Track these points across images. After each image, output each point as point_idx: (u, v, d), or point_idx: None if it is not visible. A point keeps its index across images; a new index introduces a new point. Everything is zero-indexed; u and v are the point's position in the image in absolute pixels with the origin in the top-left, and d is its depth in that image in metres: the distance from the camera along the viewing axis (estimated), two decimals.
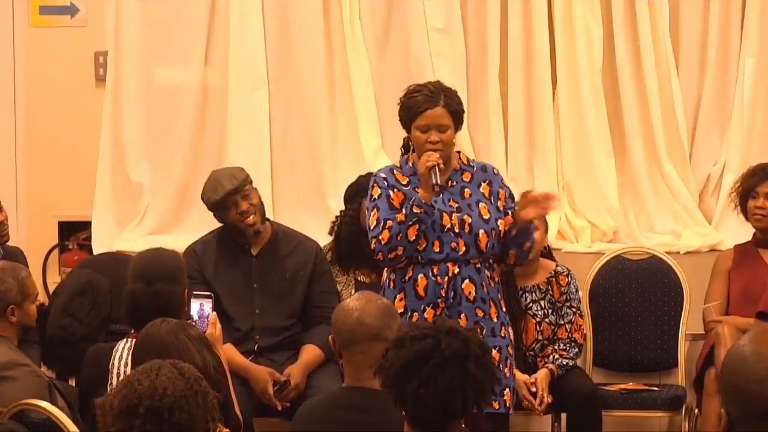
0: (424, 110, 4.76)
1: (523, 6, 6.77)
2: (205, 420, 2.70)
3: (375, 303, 3.69)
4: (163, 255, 4.48)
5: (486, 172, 4.88)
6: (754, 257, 5.72)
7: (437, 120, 4.75)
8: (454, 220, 4.74)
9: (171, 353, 3.58)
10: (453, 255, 4.74)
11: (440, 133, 4.75)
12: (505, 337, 4.81)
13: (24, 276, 4.83)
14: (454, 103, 4.81)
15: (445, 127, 4.76)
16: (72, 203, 7.02)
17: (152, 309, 4.25)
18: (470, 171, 4.86)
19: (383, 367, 3.01)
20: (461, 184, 4.83)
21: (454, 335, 2.99)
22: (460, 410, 2.97)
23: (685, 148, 6.77)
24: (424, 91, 4.81)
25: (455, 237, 4.74)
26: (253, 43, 6.84)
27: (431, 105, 4.76)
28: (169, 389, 2.65)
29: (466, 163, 4.89)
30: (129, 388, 2.66)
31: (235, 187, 5.36)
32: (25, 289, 4.79)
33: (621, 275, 5.98)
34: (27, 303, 4.79)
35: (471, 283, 4.74)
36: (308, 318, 5.48)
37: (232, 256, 5.48)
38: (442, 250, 4.73)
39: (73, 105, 7.03)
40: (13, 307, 4.74)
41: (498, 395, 4.75)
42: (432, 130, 4.75)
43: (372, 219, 4.77)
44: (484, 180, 4.85)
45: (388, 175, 4.83)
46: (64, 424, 4.03)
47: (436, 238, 4.74)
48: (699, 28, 6.84)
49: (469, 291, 4.75)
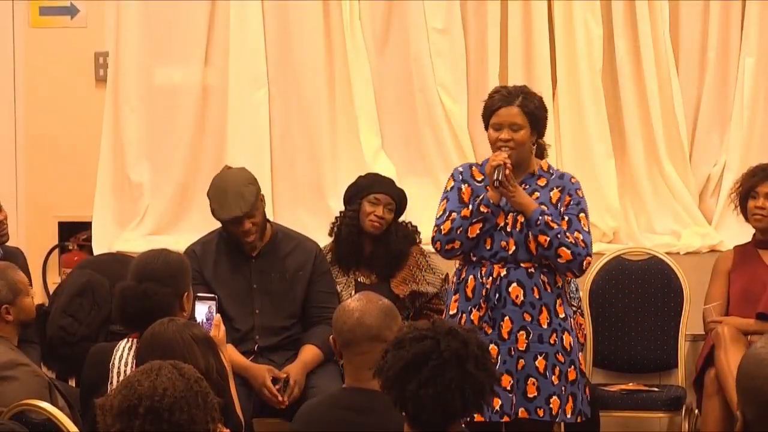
0: (498, 108, 4.81)
1: (523, 6, 6.77)
2: (205, 421, 2.70)
3: (376, 303, 3.69)
4: (162, 256, 4.46)
5: (562, 179, 4.92)
6: (754, 258, 5.72)
7: (510, 118, 4.81)
8: (509, 219, 4.78)
9: (175, 353, 3.58)
10: (502, 254, 4.77)
11: (513, 132, 4.79)
12: (555, 344, 4.80)
13: (11, 273, 4.81)
14: (532, 105, 4.84)
15: (518, 126, 4.80)
16: (72, 203, 7.02)
17: (137, 307, 4.25)
18: (546, 177, 4.90)
19: (382, 369, 3.01)
20: (533, 187, 4.87)
21: (453, 336, 2.99)
22: (460, 411, 2.97)
23: (685, 148, 6.77)
24: (503, 91, 4.90)
25: (506, 236, 4.77)
26: (253, 43, 6.83)
27: (506, 104, 4.83)
28: (169, 390, 2.65)
29: (546, 170, 4.93)
30: (129, 389, 2.66)
31: (244, 213, 5.34)
32: (15, 286, 4.77)
33: (621, 275, 5.98)
34: (20, 299, 4.77)
35: (519, 287, 4.77)
36: (308, 318, 5.48)
37: (232, 256, 5.48)
38: (492, 247, 4.76)
39: (73, 105, 7.03)
40: (6, 306, 4.73)
41: (544, 402, 4.77)
42: (505, 128, 4.79)
43: (440, 209, 4.88)
44: (558, 186, 4.89)
45: (465, 169, 4.94)
46: (64, 424, 4.03)
47: (488, 236, 4.77)
48: (699, 28, 6.83)
49: (516, 294, 4.78)
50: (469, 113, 6.80)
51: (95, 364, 4.45)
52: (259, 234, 5.43)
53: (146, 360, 2.83)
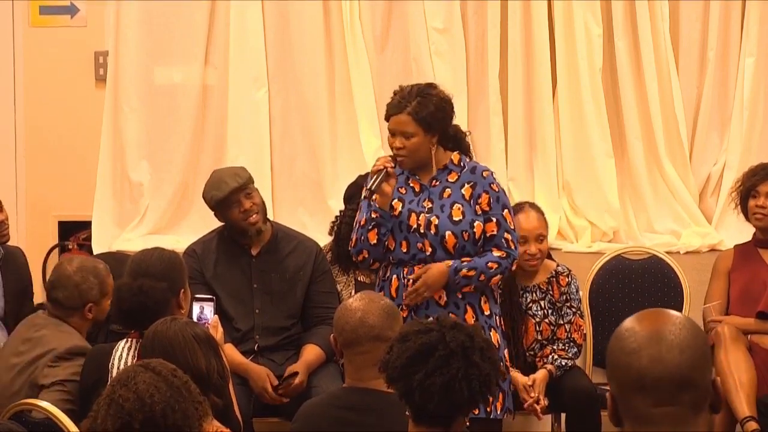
0: (390, 115, 4.76)
1: (523, 6, 6.77)
2: (195, 408, 2.69)
3: (378, 303, 3.69)
4: (157, 253, 4.48)
5: (474, 173, 4.81)
6: (754, 257, 5.72)
7: (401, 126, 4.73)
8: (421, 221, 4.72)
9: (176, 352, 3.58)
10: (420, 256, 4.72)
11: (405, 140, 4.72)
12: None
13: (104, 274, 4.92)
14: (426, 110, 4.71)
15: (409, 133, 4.72)
16: (72, 203, 7.01)
17: (132, 304, 4.26)
18: (457, 171, 4.80)
19: (388, 362, 3.02)
20: (444, 184, 4.80)
21: (459, 329, 3.03)
22: (467, 402, 2.97)
23: (685, 148, 6.77)
24: (398, 96, 4.77)
25: (420, 237, 4.72)
26: (253, 43, 6.83)
27: (396, 111, 4.74)
28: (155, 395, 2.64)
29: (457, 163, 4.84)
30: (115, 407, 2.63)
31: (239, 185, 5.37)
32: (105, 288, 4.87)
33: (621, 275, 5.99)
34: (104, 300, 4.86)
35: (441, 288, 4.72)
36: (308, 318, 5.48)
37: (232, 256, 5.48)
38: (408, 250, 4.72)
39: (73, 105, 7.03)
40: (92, 305, 4.83)
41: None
42: (398, 135, 4.75)
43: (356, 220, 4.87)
44: (469, 181, 4.79)
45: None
46: (64, 424, 4.03)
47: (403, 239, 4.73)
48: (699, 28, 6.84)
49: (440, 296, 4.73)
50: (468, 113, 6.80)
51: (95, 364, 4.45)
52: (262, 217, 5.42)
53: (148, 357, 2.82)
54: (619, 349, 2.33)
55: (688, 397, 2.29)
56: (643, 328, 2.33)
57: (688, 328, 2.33)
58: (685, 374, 2.29)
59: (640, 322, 2.36)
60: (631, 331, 2.34)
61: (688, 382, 2.29)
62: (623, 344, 2.33)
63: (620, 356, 2.33)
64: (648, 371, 2.29)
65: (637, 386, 2.30)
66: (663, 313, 2.39)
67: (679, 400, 2.29)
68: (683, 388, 2.29)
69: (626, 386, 2.32)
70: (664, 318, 2.36)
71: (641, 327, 2.34)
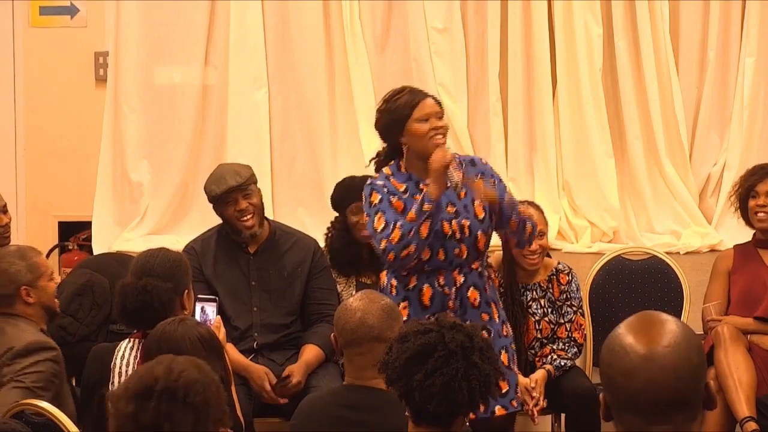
0: (419, 101, 4.66)
1: (523, 6, 6.77)
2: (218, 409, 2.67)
3: (378, 303, 3.69)
4: (162, 253, 4.46)
5: (475, 165, 4.77)
6: (754, 257, 5.71)
7: (435, 107, 4.68)
8: (455, 227, 4.66)
9: (181, 353, 3.57)
10: (457, 261, 4.69)
11: (439, 120, 4.66)
12: (507, 335, 4.81)
13: (31, 254, 4.76)
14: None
15: (441, 113, 4.68)
16: (72, 203, 7.02)
17: (137, 303, 4.25)
18: (460, 169, 4.78)
19: (387, 363, 3.01)
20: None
21: (458, 330, 3.02)
22: (467, 402, 2.97)
23: (685, 148, 6.78)
24: (405, 91, 4.74)
25: (458, 243, 4.67)
26: (253, 43, 6.84)
27: (423, 96, 4.68)
28: (185, 372, 2.63)
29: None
30: (146, 371, 2.64)
31: (238, 184, 5.36)
32: (36, 268, 4.72)
33: (621, 275, 5.98)
34: (41, 281, 4.72)
35: (476, 290, 4.71)
36: (307, 315, 5.48)
37: (231, 253, 5.47)
38: (446, 257, 4.69)
39: (73, 105, 7.03)
40: (26, 288, 4.69)
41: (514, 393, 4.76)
42: (432, 117, 4.67)
43: (378, 222, 4.63)
44: (476, 174, 4.73)
45: (385, 182, 4.71)
46: (64, 424, 4.03)
47: (440, 247, 4.66)
48: (699, 28, 6.84)
49: (475, 298, 4.72)
50: (468, 113, 6.81)
51: (96, 364, 4.45)
52: (258, 220, 5.42)
53: (152, 357, 2.82)
54: (612, 367, 2.33)
55: (682, 417, 2.30)
56: (638, 344, 2.32)
57: (682, 341, 2.32)
58: (679, 397, 2.29)
59: (635, 335, 2.34)
60: (625, 349, 2.33)
61: (682, 403, 2.29)
62: (618, 362, 2.33)
63: (614, 375, 2.33)
64: (643, 395, 2.29)
65: (632, 407, 2.30)
66: (657, 323, 2.36)
67: (673, 420, 2.30)
68: (678, 409, 2.29)
69: (620, 404, 2.32)
70: (659, 330, 2.34)
71: (636, 342, 2.32)
